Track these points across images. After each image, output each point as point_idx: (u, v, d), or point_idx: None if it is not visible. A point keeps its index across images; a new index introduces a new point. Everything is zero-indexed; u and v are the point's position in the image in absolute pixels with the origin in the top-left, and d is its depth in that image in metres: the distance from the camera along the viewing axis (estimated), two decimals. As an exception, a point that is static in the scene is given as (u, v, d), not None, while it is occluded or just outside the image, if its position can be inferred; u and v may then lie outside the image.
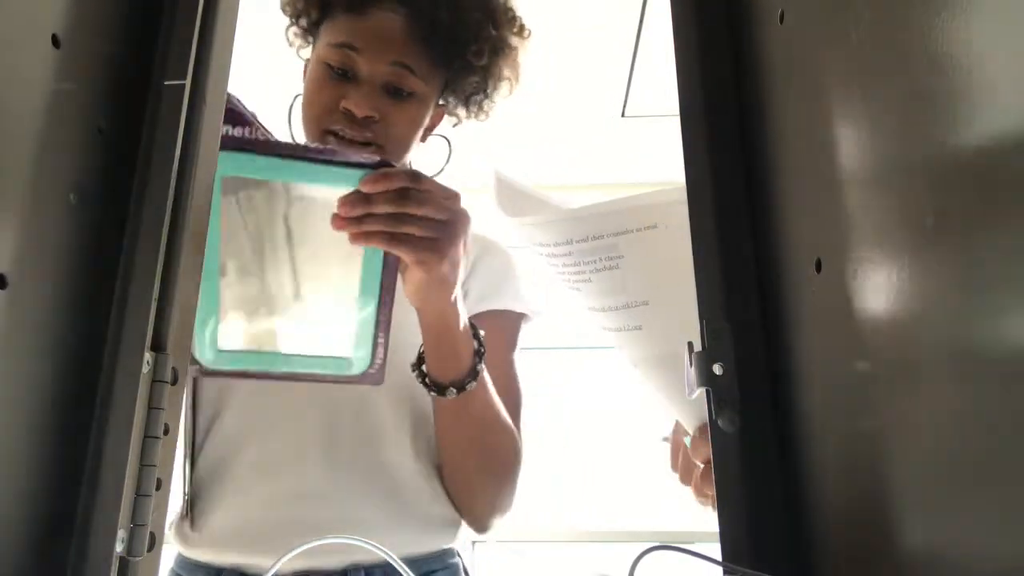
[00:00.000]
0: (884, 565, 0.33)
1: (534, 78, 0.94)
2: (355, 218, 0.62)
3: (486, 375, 0.78)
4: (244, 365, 0.66)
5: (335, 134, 0.81)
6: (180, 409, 0.44)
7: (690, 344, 0.45)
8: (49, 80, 0.39)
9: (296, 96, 0.88)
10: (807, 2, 0.41)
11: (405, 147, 0.86)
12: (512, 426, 0.84)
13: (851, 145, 0.35)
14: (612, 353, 0.65)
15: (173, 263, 0.43)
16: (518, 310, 0.91)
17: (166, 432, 0.42)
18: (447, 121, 0.95)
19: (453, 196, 0.67)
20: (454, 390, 0.75)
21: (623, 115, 2.66)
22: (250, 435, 0.82)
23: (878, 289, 0.33)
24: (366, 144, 0.82)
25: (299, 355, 0.67)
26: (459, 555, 0.87)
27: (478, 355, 0.76)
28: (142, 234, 0.43)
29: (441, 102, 0.91)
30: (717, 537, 0.42)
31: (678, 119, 0.49)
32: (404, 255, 0.65)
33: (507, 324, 0.91)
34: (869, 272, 0.34)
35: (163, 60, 0.46)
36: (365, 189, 0.62)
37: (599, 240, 0.58)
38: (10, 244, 0.36)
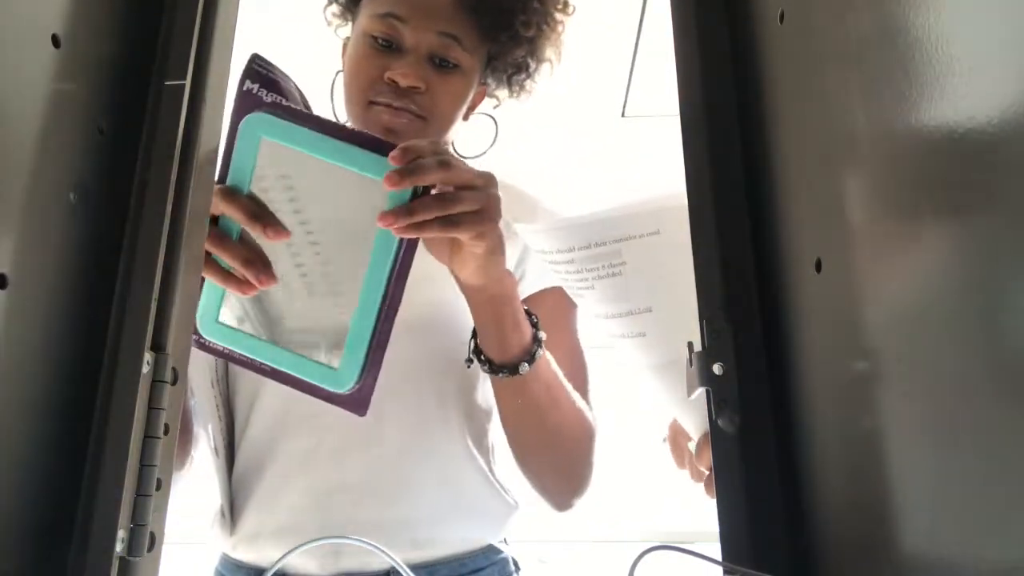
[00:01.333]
0: (884, 565, 0.33)
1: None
2: (403, 213, 0.59)
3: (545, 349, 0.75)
4: (236, 345, 0.63)
5: (379, 105, 0.79)
6: (180, 409, 0.44)
7: (690, 344, 0.45)
8: (49, 80, 0.39)
9: (337, 73, 0.86)
10: (807, 2, 0.41)
11: (449, 122, 0.84)
12: (579, 398, 0.81)
13: (851, 145, 0.35)
14: (612, 354, 0.64)
15: (173, 263, 0.43)
16: None
17: (166, 432, 0.42)
18: (488, 103, 0.93)
19: (462, 163, 0.65)
20: (525, 364, 0.72)
21: (623, 115, 2.66)
22: (288, 427, 0.79)
23: (878, 289, 0.33)
24: (408, 111, 0.79)
25: (287, 351, 0.64)
26: (506, 548, 0.84)
27: (535, 325, 0.74)
28: (142, 234, 0.43)
29: (482, 82, 0.89)
30: (717, 537, 0.42)
31: (678, 119, 0.49)
32: (464, 234, 0.62)
33: (566, 300, 0.86)
34: (869, 272, 0.34)
35: (163, 60, 0.46)
36: (395, 161, 0.58)
37: (601, 247, 0.57)
38: (10, 244, 0.36)
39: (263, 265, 0.60)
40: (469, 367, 0.74)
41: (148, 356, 0.41)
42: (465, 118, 0.89)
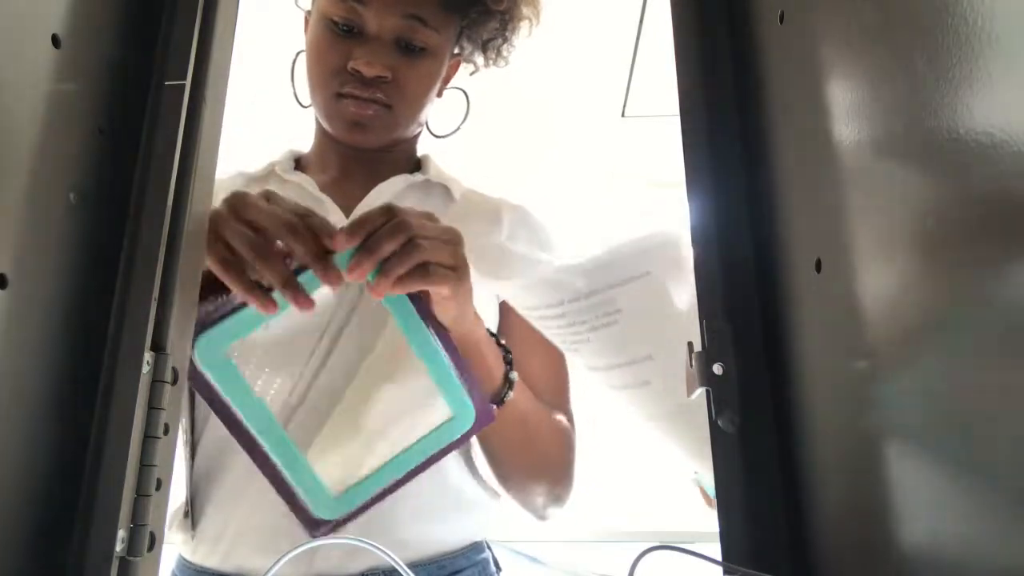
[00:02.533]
0: (884, 565, 0.33)
1: (534, 78, 0.93)
2: (382, 280, 0.56)
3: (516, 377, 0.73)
4: (366, 494, 0.64)
5: (346, 97, 0.76)
6: (180, 409, 0.44)
7: (690, 344, 0.45)
8: (49, 80, 0.39)
9: (298, 52, 0.82)
10: (807, 2, 0.41)
11: (419, 107, 0.81)
12: (557, 419, 0.79)
13: (851, 145, 0.35)
14: (614, 404, 0.61)
15: (173, 263, 0.43)
16: None
17: (166, 432, 0.42)
18: (463, 70, 0.89)
19: (427, 215, 0.61)
20: (494, 406, 0.69)
21: (623, 115, 2.66)
22: None
23: (878, 289, 0.33)
24: (375, 101, 0.76)
25: (408, 449, 0.64)
26: (488, 548, 0.80)
27: (507, 362, 0.71)
28: (142, 234, 0.43)
29: (456, 51, 0.85)
30: (717, 537, 0.42)
31: (678, 119, 0.49)
32: (441, 287, 0.59)
33: None
34: (869, 272, 0.34)
35: (163, 60, 0.46)
36: (348, 242, 0.56)
37: (593, 296, 0.54)
38: (10, 244, 0.36)
39: (302, 291, 0.56)
40: None
41: (148, 356, 0.41)
42: (439, 94, 0.86)
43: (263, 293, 0.56)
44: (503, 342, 0.73)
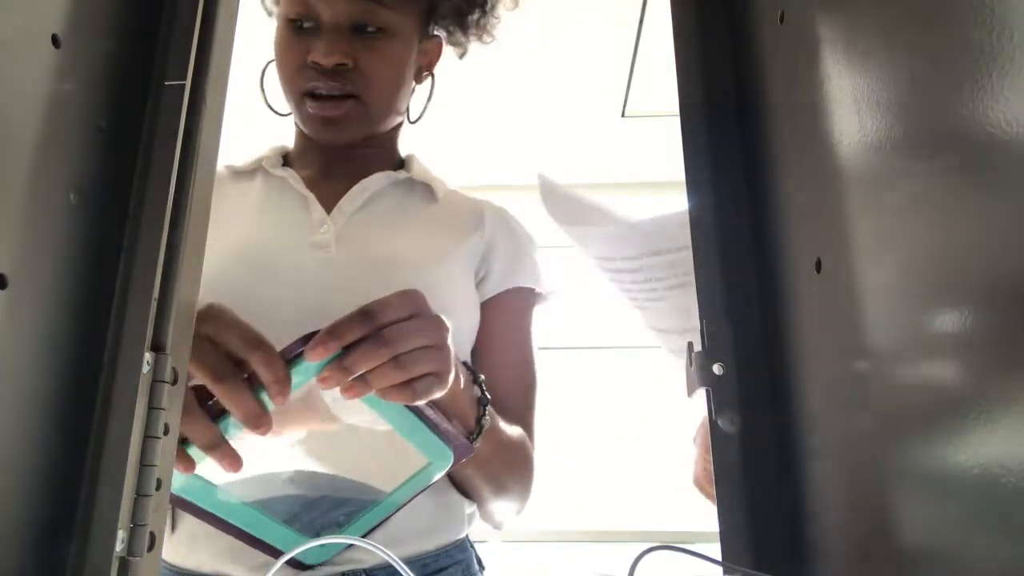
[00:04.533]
0: (884, 565, 0.33)
1: (534, 78, 0.94)
2: (359, 386, 0.53)
3: (491, 415, 0.70)
4: (364, 528, 0.66)
5: (314, 95, 0.75)
6: (180, 409, 0.44)
7: (690, 344, 0.45)
8: (49, 80, 0.39)
9: (269, 62, 0.82)
10: (807, 2, 0.41)
11: (389, 93, 0.79)
12: (520, 440, 0.78)
13: (851, 145, 0.35)
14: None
15: (173, 263, 0.43)
16: (537, 289, 0.85)
17: (166, 432, 0.42)
18: (452, 53, 0.87)
19: (412, 298, 0.56)
20: (470, 442, 0.67)
21: (623, 115, 2.66)
22: None
23: (878, 289, 0.33)
24: (346, 97, 0.75)
25: (396, 489, 0.65)
26: (471, 546, 0.80)
27: (482, 404, 0.68)
28: (142, 234, 0.43)
29: (435, 32, 0.83)
30: (717, 537, 0.42)
31: (678, 119, 0.49)
32: (423, 399, 0.56)
33: (526, 302, 0.84)
34: (869, 272, 0.34)
35: (163, 60, 0.46)
36: (312, 358, 0.51)
37: (672, 254, 0.51)
38: (10, 244, 0.36)
39: (265, 421, 0.53)
40: None
41: (148, 356, 0.41)
42: (418, 80, 0.85)
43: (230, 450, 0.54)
44: (481, 378, 0.70)
